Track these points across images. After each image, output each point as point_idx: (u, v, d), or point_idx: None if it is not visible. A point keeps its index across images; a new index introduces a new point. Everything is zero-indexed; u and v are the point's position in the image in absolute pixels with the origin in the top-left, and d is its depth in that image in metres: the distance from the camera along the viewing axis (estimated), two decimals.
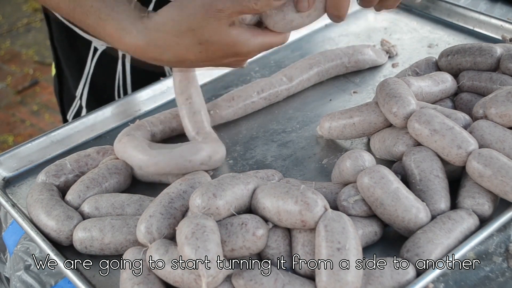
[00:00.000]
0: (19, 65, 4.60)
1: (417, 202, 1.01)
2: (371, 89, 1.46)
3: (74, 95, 1.72)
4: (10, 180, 1.31)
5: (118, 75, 1.65)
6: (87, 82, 1.68)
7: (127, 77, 1.66)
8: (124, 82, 1.66)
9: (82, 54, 1.65)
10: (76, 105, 1.74)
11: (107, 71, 1.65)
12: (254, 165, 1.27)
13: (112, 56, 1.63)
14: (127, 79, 1.66)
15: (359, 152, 1.09)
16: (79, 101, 1.72)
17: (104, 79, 1.67)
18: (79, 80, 1.69)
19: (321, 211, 0.95)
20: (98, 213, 1.13)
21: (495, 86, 1.25)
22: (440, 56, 1.37)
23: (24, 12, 5.27)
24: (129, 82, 1.66)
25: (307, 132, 1.35)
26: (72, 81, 1.72)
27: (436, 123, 1.10)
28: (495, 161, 1.03)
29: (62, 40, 1.66)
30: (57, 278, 1.11)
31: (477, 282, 1.00)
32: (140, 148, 1.19)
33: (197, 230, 0.91)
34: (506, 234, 1.06)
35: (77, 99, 1.72)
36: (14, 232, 1.22)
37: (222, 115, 1.38)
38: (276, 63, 1.57)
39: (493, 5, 1.72)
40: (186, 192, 1.08)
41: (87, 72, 1.66)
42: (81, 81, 1.69)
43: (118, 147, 1.23)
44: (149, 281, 0.96)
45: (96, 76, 1.67)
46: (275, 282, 0.91)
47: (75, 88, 1.71)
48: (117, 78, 1.66)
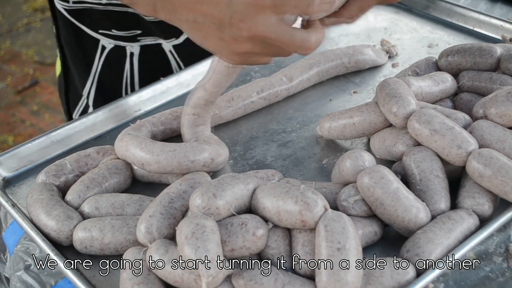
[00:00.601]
0: (19, 65, 4.60)
1: (417, 202, 1.01)
2: (371, 89, 1.46)
3: (81, 94, 1.72)
4: (10, 180, 1.31)
5: (126, 74, 1.65)
6: (95, 81, 1.68)
7: (135, 76, 1.66)
8: (132, 81, 1.66)
9: (89, 53, 1.65)
10: (83, 104, 1.74)
11: (115, 70, 1.66)
12: (254, 165, 1.27)
13: (120, 55, 1.63)
14: (135, 78, 1.66)
15: (359, 152, 1.09)
16: (85, 100, 1.72)
17: (112, 77, 1.67)
18: (86, 79, 1.69)
19: (321, 211, 0.95)
20: (98, 213, 1.13)
21: (495, 86, 1.24)
22: (440, 56, 1.37)
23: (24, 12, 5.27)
24: (137, 81, 1.66)
25: (307, 132, 1.35)
26: (79, 80, 1.72)
27: (436, 123, 1.10)
28: (495, 161, 1.03)
29: (69, 38, 1.66)
30: (57, 278, 1.11)
31: (477, 282, 1.00)
32: (143, 145, 1.19)
33: (197, 230, 0.91)
34: (506, 234, 1.06)
35: (83, 98, 1.72)
36: (14, 232, 1.22)
37: (222, 115, 1.37)
38: (276, 63, 1.57)
39: (493, 5, 1.72)
40: (186, 192, 1.08)
41: (94, 70, 1.67)
42: (88, 80, 1.69)
43: (120, 145, 1.23)
44: (149, 281, 0.96)
45: (103, 75, 1.67)
46: (275, 282, 0.91)
47: (82, 87, 1.71)
48: (125, 77, 1.66)
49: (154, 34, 1.60)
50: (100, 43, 1.62)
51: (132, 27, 1.59)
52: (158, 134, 1.32)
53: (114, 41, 1.61)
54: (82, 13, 1.58)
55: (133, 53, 1.63)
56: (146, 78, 1.63)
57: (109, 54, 1.64)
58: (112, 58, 1.64)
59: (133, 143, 1.20)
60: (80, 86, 1.72)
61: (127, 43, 1.62)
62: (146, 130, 1.29)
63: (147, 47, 1.63)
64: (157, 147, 1.18)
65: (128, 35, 1.60)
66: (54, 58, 4.25)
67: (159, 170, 1.18)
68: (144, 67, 1.65)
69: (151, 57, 1.64)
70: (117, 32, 1.60)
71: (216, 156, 1.20)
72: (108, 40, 1.61)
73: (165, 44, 1.62)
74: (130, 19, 1.56)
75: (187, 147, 1.18)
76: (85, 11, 1.57)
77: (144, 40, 1.62)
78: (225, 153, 1.23)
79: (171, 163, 1.17)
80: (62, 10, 1.60)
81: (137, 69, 1.65)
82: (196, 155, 1.18)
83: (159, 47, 1.63)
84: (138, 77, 1.66)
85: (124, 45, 1.62)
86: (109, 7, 1.54)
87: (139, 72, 1.66)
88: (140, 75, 1.66)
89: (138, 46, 1.63)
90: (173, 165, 1.17)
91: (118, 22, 1.58)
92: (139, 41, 1.62)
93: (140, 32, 1.60)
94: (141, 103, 1.46)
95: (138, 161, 1.19)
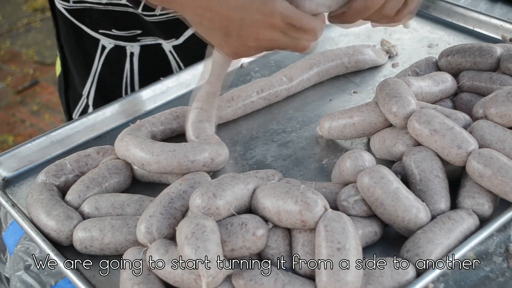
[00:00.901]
0: (19, 65, 4.60)
1: (417, 202, 1.01)
2: (371, 89, 1.46)
3: (81, 93, 1.72)
4: (10, 180, 1.31)
5: (126, 74, 1.65)
6: (95, 81, 1.68)
7: (135, 76, 1.66)
8: (132, 81, 1.66)
9: (89, 53, 1.65)
10: (83, 104, 1.74)
11: (114, 70, 1.66)
12: (254, 165, 1.27)
13: (120, 55, 1.63)
14: (135, 78, 1.66)
15: (359, 152, 1.09)
16: (85, 100, 1.72)
17: (112, 77, 1.67)
18: (86, 78, 1.69)
19: (321, 211, 0.95)
20: (98, 213, 1.13)
21: (495, 86, 1.25)
22: (440, 56, 1.37)
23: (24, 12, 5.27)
24: (137, 81, 1.66)
25: (307, 132, 1.35)
26: (79, 80, 1.72)
27: (436, 123, 1.10)
28: (495, 161, 1.03)
29: (69, 38, 1.66)
30: (57, 278, 1.11)
31: (477, 282, 1.00)
32: (143, 145, 1.19)
33: (197, 230, 0.91)
34: (506, 234, 1.06)
35: (83, 97, 1.72)
36: (14, 232, 1.22)
37: (222, 115, 1.37)
38: (276, 63, 1.57)
39: (493, 5, 1.72)
40: (186, 192, 1.08)
41: (94, 70, 1.67)
42: (88, 80, 1.69)
43: (120, 145, 1.23)
44: (149, 281, 0.96)
45: (103, 75, 1.67)
46: (275, 282, 0.91)
47: (82, 86, 1.71)
48: (124, 77, 1.66)
49: (154, 34, 1.60)
50: (100, 43, 1.62)
51: (132, 27, 1.59)
52: (158, 134, 1.32)
53: (114, 41, 1.61)
54: (82, 13, 1.58)
55: (133, 53, 1.63)
56: (146, 78, 1.63)
57: (109, 54, 1.64)
58: (112, 58, 1.64)
59: (133, 143, 1.20)
60: (80, 86, 1.72)
61: (127, 43, 1.62)
62: (146, 130, 1.29)
63: (147, 47, 1.63)
64: (157, 147, 1.18)
65: (128, 35, 1.60)
66: (54, 58, 4.25)
67: (159, 170, 1.18)
68: (144, 67, 1.65)
69: (151, 57, 1.64)
70: (117, 32, 1.60)
71: (216, 156, 1.20)
72: (108, 40, 1.61)
73: (165, 44, 1.62)
74: (130, 19, 1.56)
75: (187, 147, 1.18)
76: (85, 10, 1.57)
77: (144, 40, 1.62)
78: (225, 153, 1.23)
79: (171, 163, 1.17)
80: (63, 9, 1.60)
81: (137, 69, 1.65)
82: (196, 155, 1.18)
83: (159, 47, 1.63)
84: (138, 77, 1.66)
85: (124, 45, 1.62)
86: (109, 7, 1.54)
87: (139, 72, 1.66)
88: (140, 75, 1.66)
89: (138, 46, 1.63)
90: (173, 165, 1.17)
91: (118, 22, 1.58)
92: (139, 41, 1.62)
93: (140, 32, 1.60)
94: (141, 103, 1.46)
95: (138, 161, 1.19)
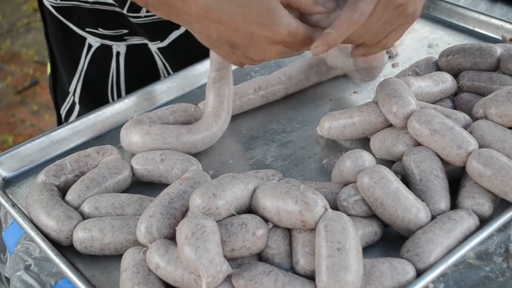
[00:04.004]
0: (19, 65, 4.60)
1: (417, 202, 1.01)
2: (371, 89, 1.46)
3: (68, 91, 1.72)
4: (10, 180, 1.31)
5: (112, 73, 1.65)
6: (81, 79, 1.68)
7: (121, 75, 1.66)
8: (118, 80, 1.66)
9: (76, 50, 1.65)
10: (70, 101, 1.73)
11: (101, 68, 1.66)
12: (254, 165, 1.27)
13: (106, 53, 1.63)
14: (121, 77, 1.66)
15: (359, 152, 1.09)
16: (72, 97, 1.72)
17: (98, 76, 1.67)
18: (73, 76, 1.69)
19: (321, 211, 0.95)
20: (98, 213, 1.13)
21: (495, 86, 1.24)
22: (440, 56, 1.37)
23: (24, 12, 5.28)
24: (123, 80, 1.66)
25: (307, 132, 1.35)
26: (66, 77, 1.72)
27: (436, 123, 1.10)
28: (495, 161, 1.03)
29: (56, 35, 1.66)
30: (57, 278, 1.11)
31: (477, 282, 1.00)
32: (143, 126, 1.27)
33: (197, 230, 0.91)
34: (506, 234, 1.06)
35: (70, 95, 1.72)
36: (14, 232, 1.22)
37: None
38: (276, 63, 1.57)
39: (493, 5, 1.72)
40: (186, 192, 1.08)
41: (80, 68, 1.66)
42: (75, 77, 1.69)
43: (124, 134, 1.29)
44: (149, 281, 0.96)
45: (89, 73, 1.67)
46: (275, 282, 0.91)
47: (69, 84, 1.71)
48: (110, 76, 1.66)
49: (140, 34, 1.60)
50: (86, 41, 1.62)
51: (118, 26, 1.58)
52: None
53: (100, 40, 1.61)
54: (69, 11, 1.58)
55: (120, 52, 1.63)
56: (132, 77, 1.63)
57: (95, 53, 1.63)
58: (98, 56, 1.64)
59: (135, 128, 1.27)
60: (67, 83, 1.72)
61: (114, 42, 1.62)
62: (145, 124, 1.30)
63: (133, 46, 1.63)
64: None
65: (114, 34, 1.60)
66: None
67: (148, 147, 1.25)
68: (130, 67, 1.65)
69: (138, 57, 1.64)
70: (103, 31, 1.59)
71: (201, 145, 1.28)
72: (95, 38, 1.61)
73: (151, 45, 1.62)
74: (117, 18, 1.55)
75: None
76: (72, 9, 1.57)
77: (130, 39, 1.61)
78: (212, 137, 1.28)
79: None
80: (50, 7, 1.61)
81: (123, 68, 1.65)
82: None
83: (146, 47, 1.63)
84: (124, 76, 1.66)
85: (110, 44, 1.62)
86: (96, 6, 1.54)
87: (125, 72, 1.65)
88: (126, 75, 1.66)
89: (125, 45, 1.62)
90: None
91: (104, 21, 1.57)
92: (125, 41, 1.62)
93: (127, 32, 1.59)
94: (141, 103, 1.46)
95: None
